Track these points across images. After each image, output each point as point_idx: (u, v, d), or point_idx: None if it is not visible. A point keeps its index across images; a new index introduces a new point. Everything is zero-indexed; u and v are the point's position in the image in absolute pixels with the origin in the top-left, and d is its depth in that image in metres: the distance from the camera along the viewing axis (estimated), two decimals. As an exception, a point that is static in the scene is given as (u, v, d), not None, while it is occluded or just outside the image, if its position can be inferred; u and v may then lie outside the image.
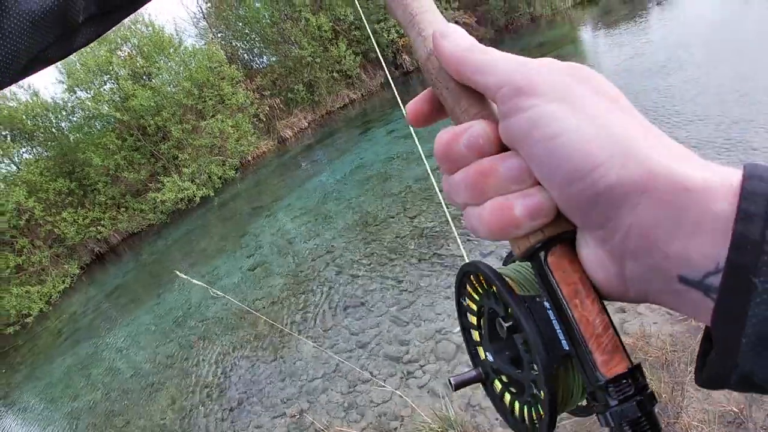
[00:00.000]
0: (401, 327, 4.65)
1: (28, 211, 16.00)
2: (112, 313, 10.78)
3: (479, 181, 0.36)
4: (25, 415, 8.22)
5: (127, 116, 17.40)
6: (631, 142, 0.30)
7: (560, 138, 0.31)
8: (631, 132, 0.30)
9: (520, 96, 0.33)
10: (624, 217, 0.30)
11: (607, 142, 0.30)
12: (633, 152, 0.29)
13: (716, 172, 0.28)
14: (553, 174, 0.32)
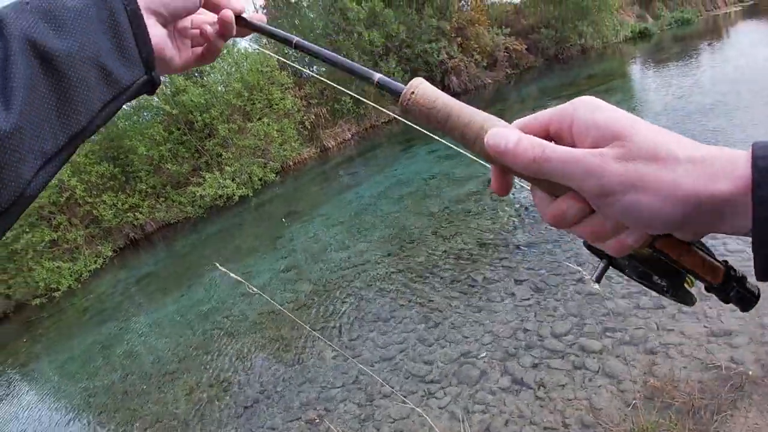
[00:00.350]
0: (426, 346, 4.63)
1: (69, 189, 16.47)
2: (139, 299, 10.97)
3: (597, 238, 0.50)
4: (40, 385, 8.40)
5: (177, 110, 17.81)
6: (683, 193, 0.42)
7: (643, 217, 0.44)
8: (678, 182, 0.42)
9: (601, 198, 0.45)
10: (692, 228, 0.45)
11: (672, 207, 0.42)
12: (690, 204, 0.42)
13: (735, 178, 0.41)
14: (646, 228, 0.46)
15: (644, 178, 0.43)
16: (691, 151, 0.43)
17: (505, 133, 0.49)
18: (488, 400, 3.70)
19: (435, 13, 22.55)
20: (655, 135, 0.44)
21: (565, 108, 0.50)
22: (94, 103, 0.58)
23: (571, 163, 0.45)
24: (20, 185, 0.51)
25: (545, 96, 16.43)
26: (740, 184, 0.40)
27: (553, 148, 0.46)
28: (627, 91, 13.39)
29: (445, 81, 23.92)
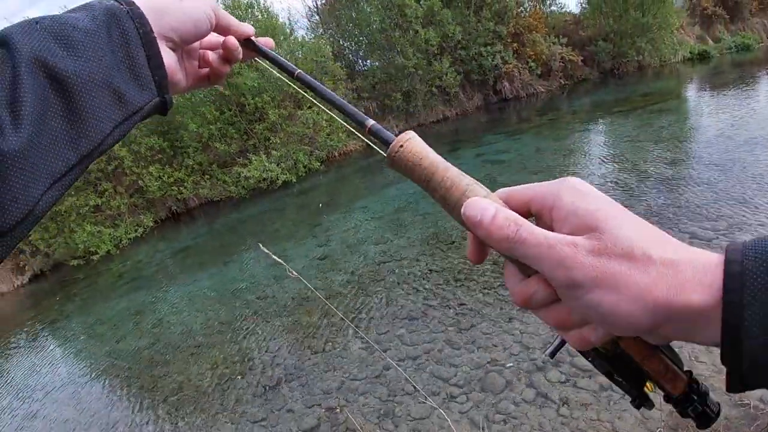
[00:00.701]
0: (454, 349, 4.59)
1: (118, 159, 16.94)
2: (174, 270, 11.21)
3: (560, 327, 0.49)
4: (68, 342, 8.68)
5: (229, 92, 18.08)
6: (653, 299, 0.40)
7: (609, 317, 0.42)
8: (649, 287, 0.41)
9: (568, 289, 0.44)
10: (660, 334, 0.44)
11: (641, 312, 0.41)
12: (660, 312, 0.40)
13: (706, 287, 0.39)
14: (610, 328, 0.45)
15: (615, 276, 0.41)
16: (667, 254, 0.41)
17: (483, 205, 0.48)
18: (510, 410, 3.64)
19: (493, 17, 22.31)
20: (634, 231, 0.43)
21: (550, 188, 0.48)
22: (105, 124, 0.58)
23: (543, 248, 0.44)
24: (29, 203, 0.51)
25: (598, 110, 16.10)
26: (712, 293, 0.39)
27: (528, 230, 0.46)
28: (681, 113, 13.01)
29: (497, 86, 23.72)
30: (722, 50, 29.42)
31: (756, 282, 0.37)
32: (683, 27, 30.26)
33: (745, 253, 0.39)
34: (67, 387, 6.58)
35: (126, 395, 5.85)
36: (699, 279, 0.40)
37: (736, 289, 0.38)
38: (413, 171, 0.54)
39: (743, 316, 0.37)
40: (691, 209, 6.18)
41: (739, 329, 0.38)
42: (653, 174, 7.82)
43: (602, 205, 0.45)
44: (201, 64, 0.81)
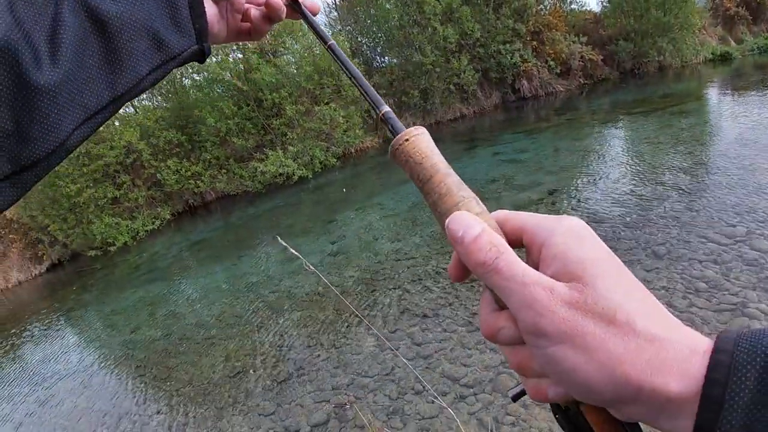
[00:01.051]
0: (465, 349, 4.57)
1: (136, 152, 17.14)
2: (190, 263, 11.31)
3: (519, 370, 0.45)
4: (84, 332, 8.81)
5: (247, 87, 18.19)
6: (623, 372, 0.36)
7: (568, 378, 0.39)
8: (622, 358, 0.36)
9: (532, 335, 0.40)
10: (623, 411, 0.39)
11: (605, 383, 0.37)
12: (627, 389, 0.36)
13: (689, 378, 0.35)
14: (569, 389, 0.40)
15: (586, 337, 0.37)
16: (653, 327, 0.37)
17: (469, 222, 0.45)
18: (520, 413, 3.62)
19: (512, 15, 22.16)
20: (623, 294, 0.39)
21: (546, 222, 0.44)
22: (142, 66, 0.59)
23: (516, 284, 0.40)
24: (60, 136, 0.53)
25: (617, 110, 15.94)
26: (692, 384, 0.35)
27: (507, 260, 0.42)
28: (702, 115, 12.83)
29: (516, 84, 23.58)
30: (744, 52, 28.92)
31: (743, 378, 0.33)
32: (705, 27, 29.82)
33: (739, 343, 0.35)
34: (82, 375, 6.68)
35: (139, 385, 5.92)
36: (682, 363, 0.36)
37: (720, 382, 0.34)
38: (412, 168, 0.51)
39: (720, 416, 0.33)
40: (709, 214, 6.10)
41: (713, 429, 0.34)
42: (671, 177, 7.73)
43: (596, 255, 0.41)
44: (244, 18, 0.81)
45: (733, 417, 0.33)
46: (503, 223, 0.47)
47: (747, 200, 6.21)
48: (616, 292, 0.38)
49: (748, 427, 0.32)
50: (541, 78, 23.71)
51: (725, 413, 0.33)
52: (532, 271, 0.41)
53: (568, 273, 0.40)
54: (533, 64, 23.25)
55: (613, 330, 0.37)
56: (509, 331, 0.43)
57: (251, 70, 18.02)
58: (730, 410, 0.33)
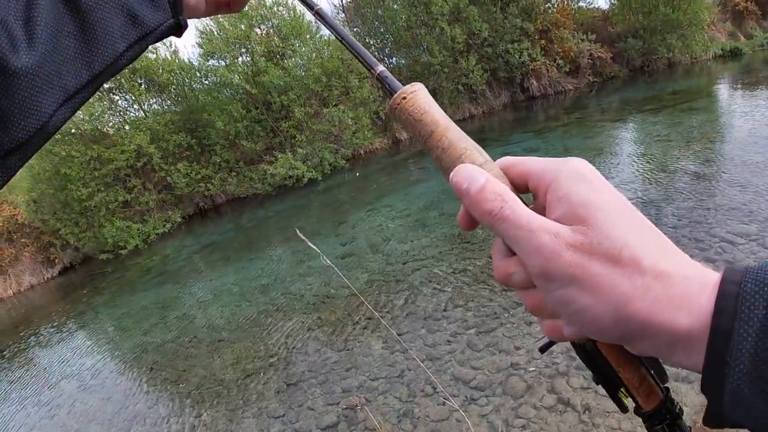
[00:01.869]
0: (476, 351, 4.56)
1: (147, 155, 17.26)
2: (201, 266, 11.36)
3: (534, 310, 0.45)
4: (96, 335, 8.88)
5: (256, 90, 18.26)
6: (631, 310, 0.37)
7: (578, 318, 0.40)
8: (629, 296, 0.37)
9: (540, 279, 0.41)
10: (636, 347, 0.40)
11: (613, 321, 0.38)
12: (635, 326, 0.37)
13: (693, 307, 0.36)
14: (581, 329, 0.41)
15: (594, 278, 0.38)
16: (660, 264, 0.37)
17: (473, 174, 0.45)
18: (530, 415, 3.61)
19: (520, 14, 22.11)
20: (628, 232, 0.39)
21: (550, 165, 0.44)
22: (119, 43, 0.59)
23: (522, 231, 0.41)
24: (41, 118, 0.53)
25: (627, 108, 15.85)
26: (702, 318, 0.35)
27: (513, 208, 0.42)
28: (712, 112, 12.73)
29: (524, 83, 23.51)
30: (754, 47, 28.69)
31: (752, 308, 0.34)
32: (714, 23, 29.62)
33: (747, 275, 0.35)
34: (94, 377, 6.73)
35: (151, 387, 5.96)
36: (691, 298, 0.36)
37: (729, 312, 0.34)
38: (413, 125, 0.51)
39: (731, 345, 0.34)
40: (720, 212, 6.04)
41: (724, 359, 0.34)
42: (683, 175, 7.67)
43: (600, 196, 0.41)
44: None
45: (743, 345, 0.33)
46: (508, 169, 0.48)
47: (759, 198, 6.16)
48: (620, 231, 0.39)
49: (759, 355, 0.33)
50: (550, 77, 23.62)
51: (735, 342, 0.33)
52: (537, 217, 0.41)
53: (573, 216, 0.40)
54: (542, 63, 23.17)
55: (619, 269, 0.37)
56: (520, 276, 0.44)
57: (259, 73, 18.08)
58: (740, 339, 0.33)
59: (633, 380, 0.46)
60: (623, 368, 0.46)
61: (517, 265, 0.44)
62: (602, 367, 0.47)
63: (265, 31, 19.48)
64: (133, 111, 19.15)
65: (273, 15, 19.33)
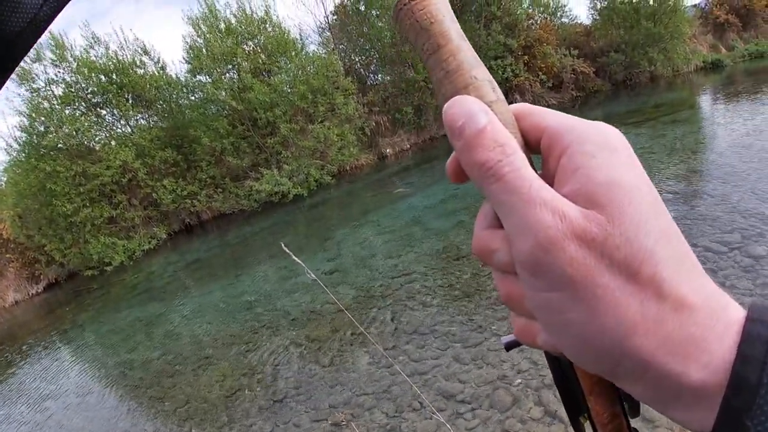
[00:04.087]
0: (462, 365, 4.56)
1: (132, 171, 17.20)
2: (187, 282, 11.28)
3: (509, 302, 0.37)
4: (80, 352, 8.76)
5: (242, 106, 18.28)
6: (633, 345, 0.29)
7: (563, 330, 0.32)
8: (636, 327, 0.29)
9: (524, 269, 0.32)
10: (623, 387, 0.33)
11: (604, 355, 0.30)
12: (632, 368, 0.30)
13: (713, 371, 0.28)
14: (560, 346, 0.33)
15: (596, 290, 0.29)
16: (682, 288, 0.29)
17: (473, 110, 0.34)
18: (517, 428, 3.60)
19: (503, 30, 22.41)
20: (655, 238, 0.29)
21: (571, 126, 0.34)
22: None
23: (520, 200, 0.31)
24: (31, 11, 0.51)
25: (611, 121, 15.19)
26: (719, 370, 0.28)
27: (514, 167, 0.32)
28: (694, 124, 12.92)
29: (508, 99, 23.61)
30: (735, 59, 29.27)
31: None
32: (695, 36, 30.19)
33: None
34: (78, 395, 6.63)
35: (136, 405, 5.88)
36: (710, 343, 0.28)
37: (755, 362, 0.27)
38: (418, 35, 0.39)
39: (755, 404, 0.26)
40: (705, 222, 6.11)
41: (742, 421, 0.26)
42: (666, 186, 7.76)
43: (630, 179, 0.30)
44: None
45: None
46: (522, 118, 0.37)
47: (741, 207, 6.24)
48: (647, 235, 0.29)
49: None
50: (534, 92, 23.89)
51: (761, 401, 0.26)
52: (544, 186, 0.31)
53: (588, 196, 0.30)
54: (525, 78, 23.45)
55: (633, 287, 0.29)
56: (504, 257, 0.35)
57: (245, 89, 18.13)
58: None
59: (602, 415, 0.39)
60: (596, 399, 0.39)
61: (503, 241, 0.34)
62: (571, 386, 0.41)
63: (252, 48, 19.56)
64: (120, 126, 19.12)
65: (260, 32, 19.43)
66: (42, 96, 17.35)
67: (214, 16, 19.00)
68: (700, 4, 34.53)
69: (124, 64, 18.59)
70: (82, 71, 17.66)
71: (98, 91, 18.08)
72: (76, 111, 17.99)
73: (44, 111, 16.96)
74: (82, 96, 18.02)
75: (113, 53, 18.68)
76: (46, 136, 16.65)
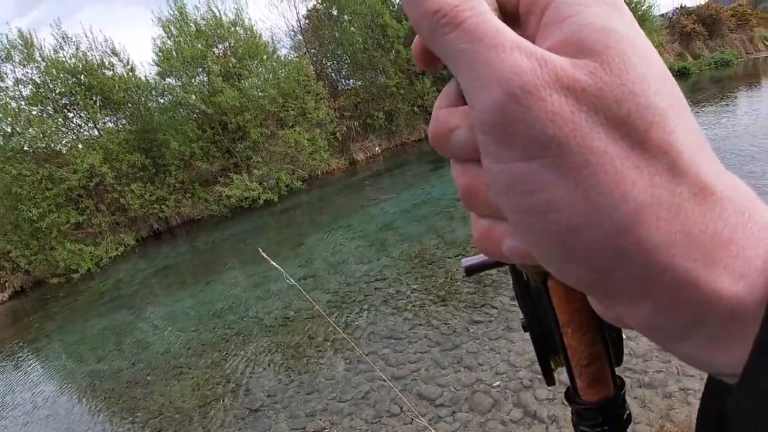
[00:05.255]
0: (440, 369, 4.58)
1: (99, 175, 16.80)
2: (156, 290, 11.09)
3: (469, 196, 0.27)
4: (48, 362, 8.53)
5: (212, 110, 18.07)
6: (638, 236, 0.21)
7: (539, 219, 0.22)
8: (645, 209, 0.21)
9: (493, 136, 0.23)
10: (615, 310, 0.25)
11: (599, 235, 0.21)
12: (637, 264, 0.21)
13: None
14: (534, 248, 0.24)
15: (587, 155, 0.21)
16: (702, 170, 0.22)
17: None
18: (498, 430, 3.63)
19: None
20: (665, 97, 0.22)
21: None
22: None
23: (483, 48, 0.22)
24: None
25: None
26: (761, 287, 0.21)
27: (474, 9, 0.23)
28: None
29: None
30: (702, 66, 30.11)
31: None
32: (663, 44, 30.95)
33: None
34: (46, 407, 6.44)
35: (107, 417, 5.74)
36: (745, 249, 0.21)
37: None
38: None
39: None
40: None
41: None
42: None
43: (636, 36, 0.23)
44: None
45: None
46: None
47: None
48: (657, 94, 0.22)
49: None
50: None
51: None
52: (512, 33, 0.23)
53: (579, 44, 0.22)
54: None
55: (639, 157, 0.21)
56: (463, 134, 0.26)
57: (215, 93, 17.94)
58: None
59: (581, 354, 0.32)
60: (574, 333, 0.32)
61: (464, 116, 0.26)
62: (543, 319, 0.33)
63: (222, 51, 19.38)
64: (87, 129, 18.71)
65: (230, 35, 19.27)
66: (9, 95, 16.90)
67: (184, 18, 18.76)
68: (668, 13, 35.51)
69: (93, 65, 18.22)
70: (51, 71, 17.26)
71: (66, 92, 17.68)
72: (43, 112, 17.56)
73: (11, 111, 16.50)
74: (50, 97, 17.59)
75: (82, 54, 18.31)
76: (13, 137, 16.20)
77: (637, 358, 3.96)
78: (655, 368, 3.82)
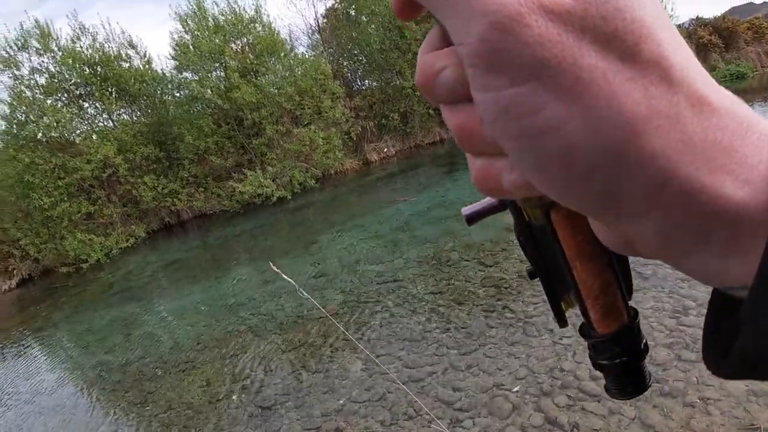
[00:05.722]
0: (458, 372, 4.48)
1: (113, 166, 16.86)
2: (165, 283, 11.07)
3: (464, 135, 0.26)
4: (55, 352, 8.51)
5: (228, 105, 18.09)
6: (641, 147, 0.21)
7: (538, 142, 0.22)
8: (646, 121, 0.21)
9: (484, 67, 0.22)
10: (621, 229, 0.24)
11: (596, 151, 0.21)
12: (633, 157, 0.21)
13: None
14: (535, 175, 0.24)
15: (580, 74, 0.21)
16: (697, 82, 0.22)
17: None
18: (519, 438, 3.53)
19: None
20: (650, 13, 0.22)
21: None
22: None
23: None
24: None
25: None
26: (765, 193, 0.21)
27: None
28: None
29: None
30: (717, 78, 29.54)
31: None
32: (680, 55, 30.83)
33: None
34: (53, 398, 6.40)
35: (114, 409, 5.69)
36: (746, 157, 0.22)
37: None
38: None
39: None
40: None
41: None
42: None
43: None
44: None
45: None
46: None
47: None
48: (642, 8, 0.21)
49: None
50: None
51: None
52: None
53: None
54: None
55: (631, 69, 0.21)
56: (452, 72, 0.25)
57: (232, 88, 17.96)
58: None
59: (591, 285, 0.32)
60: (583, 265, 0.32)
61: (450, 55, 0.25)
62: (550, 255, 0.33)
63: (240, 47, 19.40)
64: (102, 120, 18.80)
65: (249, 31, 19.28)
66: (25, 84, 16.99)
67: (203, 12, 18.80)
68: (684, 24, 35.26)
69: (109, 56, 18.29)
70: (67, 61, 17.34)
71: (81, 83, 17.77)
72: (58, 102, 17.63)
73: (26, 100, 16.58)
74: (65, 87, 17.68)
75: (99, 45, 18.40)
76: (27, 126, 16.27)
77: (658, 367, 3.85)
78: (674, 377, 3.71)
